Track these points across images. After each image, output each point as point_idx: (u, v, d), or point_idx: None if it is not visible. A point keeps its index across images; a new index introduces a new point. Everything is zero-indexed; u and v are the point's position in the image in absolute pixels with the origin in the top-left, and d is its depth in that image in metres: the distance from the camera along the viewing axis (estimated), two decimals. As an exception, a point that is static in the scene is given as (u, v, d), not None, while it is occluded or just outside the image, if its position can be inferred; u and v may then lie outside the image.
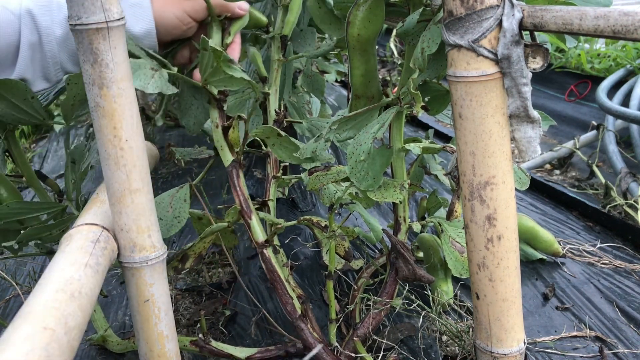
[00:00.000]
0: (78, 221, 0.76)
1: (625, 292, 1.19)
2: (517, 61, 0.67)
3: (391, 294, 1.04)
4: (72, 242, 0.70)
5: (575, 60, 2.53)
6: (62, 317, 0.56)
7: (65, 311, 0.57)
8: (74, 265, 0.64)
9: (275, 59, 1.21)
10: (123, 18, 0.66)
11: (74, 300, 0.59)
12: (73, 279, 0.62)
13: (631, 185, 1.54)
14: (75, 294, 0.60)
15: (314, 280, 1.28)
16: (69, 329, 0.56)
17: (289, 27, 1.21)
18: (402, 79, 0.94)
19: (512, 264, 0.77)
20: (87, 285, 0.63)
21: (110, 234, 0.74)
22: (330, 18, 1.06)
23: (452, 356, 1.01)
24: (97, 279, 0.66)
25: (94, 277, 0.65)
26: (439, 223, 1.10)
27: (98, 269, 0.67)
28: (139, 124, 0.71)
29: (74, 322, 0.57)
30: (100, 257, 0.69)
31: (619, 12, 0.58)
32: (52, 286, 0.60)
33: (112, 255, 0.72)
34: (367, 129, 0.91)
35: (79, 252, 0.67)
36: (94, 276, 0.65)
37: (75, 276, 0.62)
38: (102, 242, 0.71)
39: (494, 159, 0.71)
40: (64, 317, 0.56)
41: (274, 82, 1.21)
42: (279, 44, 1.21)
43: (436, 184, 1.56)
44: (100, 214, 0.77)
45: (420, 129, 2.28)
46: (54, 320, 0.55)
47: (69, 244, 0.69)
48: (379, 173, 0.92)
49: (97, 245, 0.70)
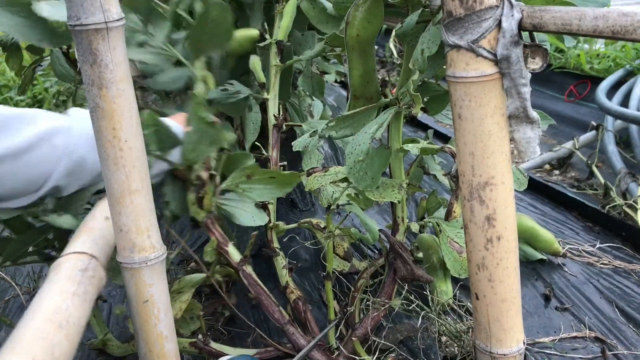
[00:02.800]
0: (67, 249, 0.76)
1: (624, 292, 1.19)
2: (516, 62, 0.67)
3: (390, 294, 1.04)
4: (61, 271, 0.70)
5: (575, 61, 2.53)
6: (49, 347, 0.57)
7: (52, 341, 0.58)
8: (61, 294, 0.65)
9: (273, 65, 1.23)
10: (122, 19, 0.66)
11: (61, 330, 0.60)
12: (61, 308, 0.63)
13: (630, 186, 1.54)
14: (63, 324, 0.61)
15: (314, 280, 1.28)
16: (55, 358, 0.57)
17: (283, 32, 1.24)
18: (401, 80, 0.94)
19: (512, 265, 0.77)
20: (74, 315, 0.63)
21: (99, 263, 0.74)
22: (325, 17, 1.07)
23: (451, 356, 1.01)
24: (84, 307, 0.66)
25: (81, 306, 0.66)
26: (437, 223, 1.10)
27: (86, 298, 0.67)
28: (139, 125, 0.71)
29: (60, 352, 0.58)
30: (89, 286, 0.69)
31: (618, 13, 0.58)
32: (40, 316, 0.61)
33: (100, 283, 0.73)
34: (366, 129, 0.91)
35: (67, 281, 0.68)
36: (82, 305, 0.66)
37: (62, 306, 0.63)
38: (90, 270, 0.72)
39: (493, 160, 0.71)
40: (51, 347, 0.57)
41: (273, 88, 1.23)
42: (276, 50, 1.24)
43: (435, 184, 1.56)
44: (89, 242, 0.77)
45: (419, 130, 2.28)
46: (41, 351, 0.56)
47: (57, 272, 0.70)
48: (377, 173, 0.92)
49: (85, 274, 0.70)
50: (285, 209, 1.54)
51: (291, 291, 1.08)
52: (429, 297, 1.09)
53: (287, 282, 1.10)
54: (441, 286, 1.13)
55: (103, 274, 0.74)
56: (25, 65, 1.92)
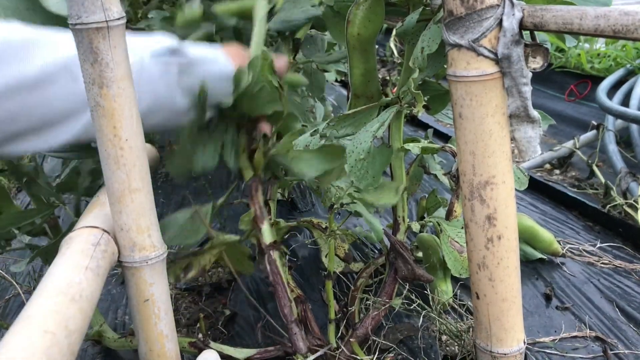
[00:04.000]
0: (79, 224, 0.75)
1: (625, 292, 1.19)
2: (517, 61, 0.67)
3: (390, 294, 1.04)
4: (73, 245, 0.70)
5: (575, 60, 2.52)
6: (62, 321, 0.56)
7: (65, 314, 0.57)
8: (74, 268, 0.64)
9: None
10: (123, 17, 0.66)
11: (74, 303, 0.59)
12: (73, 282, 0.62)
13: (631, 185, 1.54)
14: (76, 297, 0.60)
15: (314, 280, 1.28)
16: (69, 332, 0.56)
17: (302, 31, 1.23)
18: (402, 79, 0.94)
19: (512, 264, 0.77)
20: (87, 289, 0.63)
21: (111, 237, 0.74)
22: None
23: (451, 356, 1.01)
24: (97, 282, 0.66)
25: (94, 280, 0.65)
26: (438, 223, 1.10)
27: (99, 272, 0.67)
28: (139, 124, 0.71)
29: (74, 326, 0.57)
30: (101, 260, 0.69)
31: (619, 12, 0.58)
32: (53, 289, 0.60)
33: (112, 258, 0.72)
34: (367, 128, 0.91)
35: (80, 255, 0.67)
36: (95, 279, 0.65)
37: (75, 279, 0.62)
38: (102, 245, 0.71)
39: (494, 159, 0.71)
40: (65, 320, 0.56)
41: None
42: (290, 47, 1.23)
43: (436, 183, 1.56)
44: (101, 216, 0.77)
45: (419, 129, 2.28)
46: (55, 324, 0.55)
47: (69, 246, 0.69)
48: (378, 172, 0.92)
49: (98, 248, 0.70)
50: (286, 210, 1.54)
51: (291, 290, 1.08)
52: (430, 297, 1.09)
53: (287, 281, 1.09)
54: (441, 285, 1.13)
55: (115, 249, 0.74)
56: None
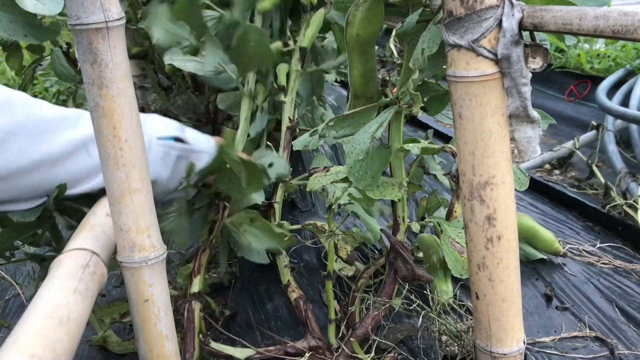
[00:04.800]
0: (68, 246, 0.76)
1: (625, 292, 1.19)
2: (516, 61, 0.67)
3: (390, 294, 1.04)
4: (62, 268, 0.70)
5: (575, 60, 2.52)
6: (50, 344, 0.56)
7: (53, 338, 0.57)
8: (62, 291, 0.65)
9: (294, 70, 1.31)
10: (122, 18, 0.66)
11: (62, 326, 0.59)
12: (61, 305, 0.62)
13: (631, 185, 1.54)
14: (64, 320, 0.60)
15: (315, 280, 1.28)
16: (56, 355, 0.56)
17: (307, 41, 1.31)
18: (402, 79, 0.94)
19: (512, 264, 0.77)
20: (75, 311, 0.63)
21: (100, 259, 0.74)
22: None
23: (451, 356, 1.01)
24: (85, 304, 0.66)
25: (82, 302, 0.65)
26: (438, 223, 1.10)
27: (87, 295, 0.67)
28: (139, 124, 0.71)
29: (61, 349, 0.57)
30: (90, 282, 0.69)
31: (618, 12, 0.58)
32: (41, 313, 0.60)
33: (101, 279, 0.73)
34: (366, 129, 0.91)
35: (68, 278, 0.67)
36: (83, 302, 0.66)
37: (63, 302, 0.63)
38: (91, 267, 0.71)
39: (494, 159, 0.71)
40: (52, 343, 0.57)
41: (291, 92, 1.29)
42: (299, 56, 1.31)
43: (436, 184, 1.56)
44: (91, 238, 0.77)
45: (419, 129, 2.28)
46: (42, 348, 0.55)
47: (58, 269, 0.70)
48: (377, 172, 0.92)
49: (87, 270, 0.70)
50: (286, 210, 1.54)
51: (292, 290, 1.09)
52: (430, 297, 1.09)
53: (289, 281, 1.10)
54: (441, 286, 1.13)
55: (104, 271, 0.74)
56: (26, 65, 1.92)
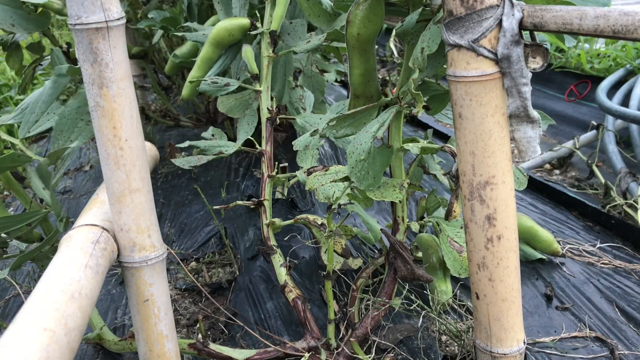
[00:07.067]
0: (78, 222, 0.75)
1: (625, 292, 1.19)
2: (517, 61, 0.67)
3: (390, 294, 1.04)
4: (72, 243, 0.69)
5: (575, 60, 2.52)
6: (62, 318, 0.56)
7: (65, 312, 0.57)
8: (74, 266, 0.64)
9: (265, 55, 1.19)
10: (123, 17, 0.66)
11: (74, 301, 0.59)
12: (73, 280, 0.62)
13: (631, 185, 1.54)
14: (76, 295, 0.60)
15: (314, 279, 1.28)
16: (69, 330, 0.56)
17: (277, 22, 1.19)
18: (402, 79, 0.94)
19: (512, 264, 0.77)
20: (87, 287, 0.63)
21: (110, 235, 0.74)
22: (318, 10, 1.04)
23: (451, 356, 1.01)
24: (97, 280, 0.66)
25: (94, 278, 0.65)
26: (437, 223, 1.10)
27: (98, 270, 0.67)
28: (139, 124, 0.71)
29: (73, 323, 0.57)
30: (100, 258, 0.69)
31: (619, 12, 0.58)
32: (52, 287, 0.60)
33: (112, 256, 0.72)
34: (367, 128, 0.91)
35: (79, 253, 0.67)
36: (94, 277, 0.65)
37: (75, 277, 0.62)
38: (102, 243, 0.71)
39: (494, 159, 0.71)
40: (64, 318, 0.56)
41: (265, 79, 1.20)
42: (269, 40, 1.20)
43: (435, 183, 1.56)
44: (101, 214, 0.77)
45: (419, 129, 2.28)
46: (54, 322, 0.55)
47: (68, 244, 0.69)
48: (379, 172, 0.92)
49: (97, 246, 0.70)
50: (286, 209, 1.54)
51: (290, 290, 1.07)
52: (429, 297, 1.09)
53: (286, 281, 1.08)
54: (441, 286, 1.13)
55: (115, 247, 0.74)
56: (26, 64, 1.92)
